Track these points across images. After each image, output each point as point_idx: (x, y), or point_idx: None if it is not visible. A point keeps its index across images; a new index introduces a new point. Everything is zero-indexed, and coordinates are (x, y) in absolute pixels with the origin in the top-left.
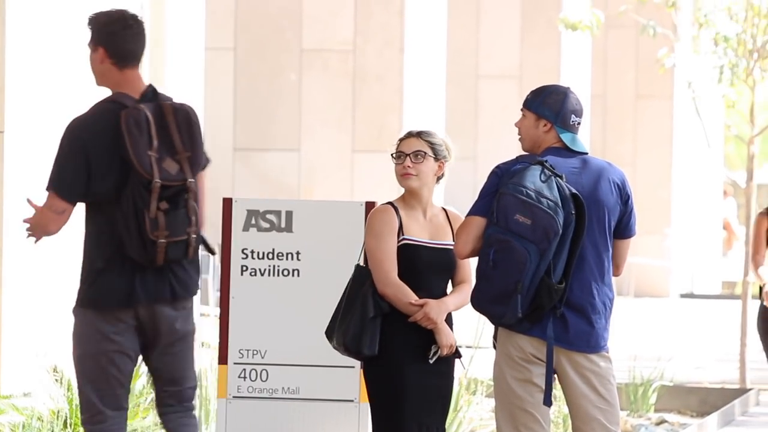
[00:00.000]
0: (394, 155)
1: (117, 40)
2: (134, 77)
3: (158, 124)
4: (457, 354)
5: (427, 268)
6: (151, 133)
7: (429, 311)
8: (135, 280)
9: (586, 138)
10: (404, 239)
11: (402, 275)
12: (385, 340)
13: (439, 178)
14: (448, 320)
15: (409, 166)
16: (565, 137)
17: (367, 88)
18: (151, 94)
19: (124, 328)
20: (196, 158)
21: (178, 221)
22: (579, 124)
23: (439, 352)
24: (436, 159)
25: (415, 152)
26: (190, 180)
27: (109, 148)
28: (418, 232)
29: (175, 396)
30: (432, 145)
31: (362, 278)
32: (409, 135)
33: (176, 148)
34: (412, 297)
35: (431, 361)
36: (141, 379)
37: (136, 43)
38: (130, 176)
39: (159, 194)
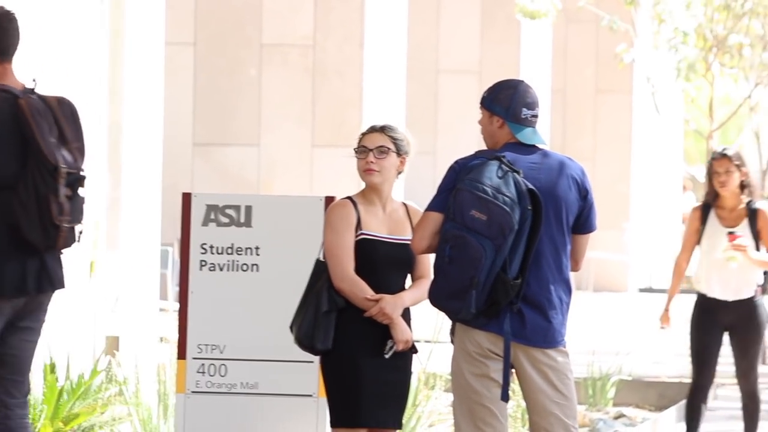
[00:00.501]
0: (356, 150)
1: (1, 34)
2: (10, 71)
3: (52, 115)
4: (413, 350)
5: (384, 263)
6: (49, 121)
7: (384, 306)
8: (26, 268)
9: (545, 133)
10: (362, 234)
11: (359, 270)
12: (341, 335)
13: (399, 173)
14: (406, 315)
15: (372, 162)
16: (518, 132)
17: (327, 83)
18: (27, 88)
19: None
20: (83, 149)
21: (76, 208)
22: (534, 117)
23: (394, 347)
24: (399, 154)
25: (378, 147)
26: (82, 170)
27: (11, 133)
28: (377, 227)
29: (17, 387)
30: (395, 141)
31: (320, 273)
32: (373, 130)
33: (67, 138)
34: (368, 292)
35: (387, 356)
36: (100, 376)
37: (14, 38)
38: (29, 161)
39: (65, 179)
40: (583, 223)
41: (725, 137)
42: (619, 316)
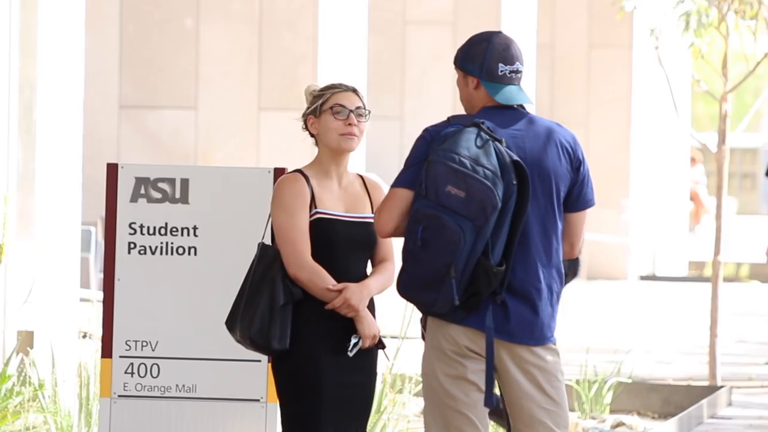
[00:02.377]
0: (329, 109)
1: None
2: None
3: None
4: (380, 345)
5: (344, 245)
6: None
7: (349, 297)
8: None
9: (531, 95)
10: (317, 213)
11: (315, 255)
12: (298, 332)
13: None
14: (370, 306)
15: (354, 124)
16: (496, 92)
17: (275, 36)
18: None
19: None
20: None
21: None
22: (516, 73)
23: (360, 343)
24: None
25: (358, 108)
26: None
27: None
28: (333, 205)
29: None
30: (364, 104)
31: (268, 260)
32: (348, 88)
33: None
34: (330, 281)
35: (351, 355)
36: (10, 381)
37: None
38: None
39: None
40: (576, 199)
41: (741, 100)
42: (618, 309)
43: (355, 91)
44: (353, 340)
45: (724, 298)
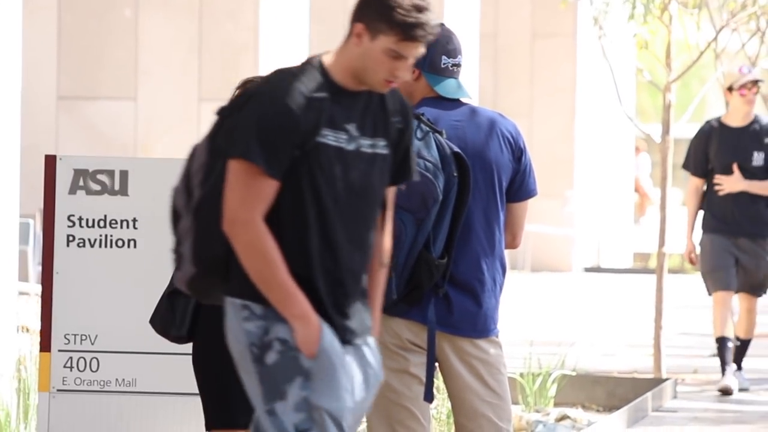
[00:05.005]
0: None
1: None
2: None
3: None
4: None
5: None
6: None
7: None
8: None
9: (473, 85)
10: None
11: None
12: (206, 320)
13: None
14: None
15: None
16: (438, 84)
17: (215, 25)
18: None
19: None
20: None
21: None
22: (457, 66)
23: None
24: None
25: None
26: None
27: None
28: None
29: None
30: None
31: None
32: None
33: None
34: None
35: None
36: None
37: None
38: None
39: None
40: (519, 189)
41: (686, 90)
42: (562, 301)
43: None
44: None
45: (669, 290)
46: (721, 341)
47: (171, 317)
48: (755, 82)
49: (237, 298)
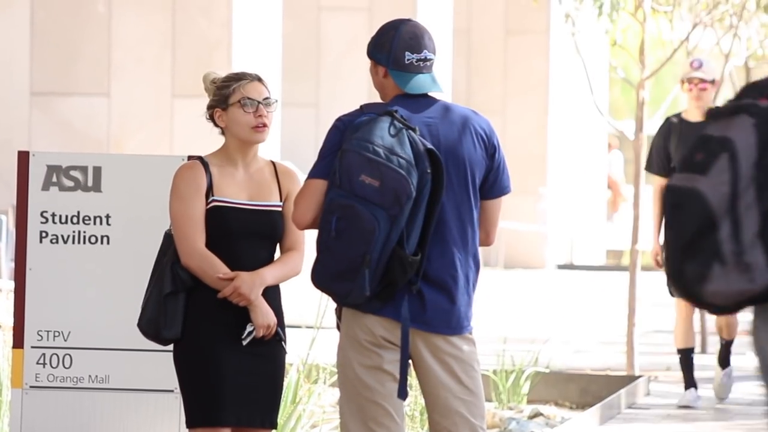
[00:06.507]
0: (238, 102)
1: None
2: None
3: None
4: (277, 337)
5: (241, 234)
6: None
7: (239, 286)
8: None
9: (446, 82)
10: (213, 201)
11: (212, 243)
12: (192, 320)
13: None
14: (273, 296)
15: (265, 116)
16: (403, 81)
17: (189, 21)
18: None
19: None
20: None
21: None
22: (422, 61)
23: (253, 332)
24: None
25: (266, 99)
26: None
27: None
28: (234, 192)
29: None
30: (269, 92)
31: (165, 248)
32: (253, 78)
33: None
34: (221, 269)
35: (244, 343)
36: None
37: None
38: None
39: None
40: (492, 186)
41: (659, 87)
42: (535, 298)
43: (260, 79)
44: (248, 329)
45: (641, 288)
46: (684, 353)
47: (163, 320)
48: (702, 80)
49: None
